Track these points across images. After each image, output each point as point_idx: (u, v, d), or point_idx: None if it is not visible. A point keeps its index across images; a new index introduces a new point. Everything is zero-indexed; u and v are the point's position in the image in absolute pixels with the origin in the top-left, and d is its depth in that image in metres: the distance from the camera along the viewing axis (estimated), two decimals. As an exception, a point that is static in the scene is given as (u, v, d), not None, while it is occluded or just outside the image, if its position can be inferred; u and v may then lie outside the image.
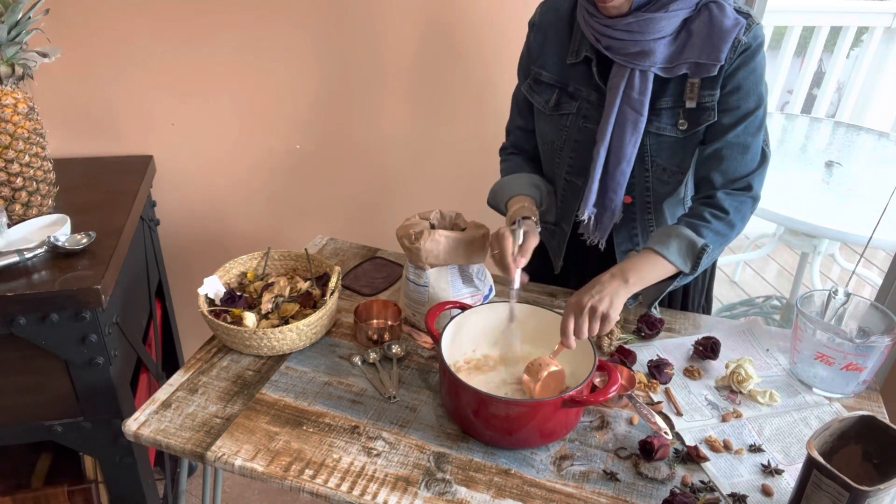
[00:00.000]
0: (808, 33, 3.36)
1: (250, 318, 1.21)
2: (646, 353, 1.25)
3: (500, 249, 1.16)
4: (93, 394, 1.34)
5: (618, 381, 1.01)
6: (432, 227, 1.29)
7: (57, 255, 1.31)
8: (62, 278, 1.24)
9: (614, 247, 1.35)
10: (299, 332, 1.19)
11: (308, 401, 1.12)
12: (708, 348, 1.23)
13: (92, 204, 1.52)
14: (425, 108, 1.93)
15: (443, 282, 1.26)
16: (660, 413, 1.11)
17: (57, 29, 1.50)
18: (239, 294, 1.28)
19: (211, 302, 1.28)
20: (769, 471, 1.01)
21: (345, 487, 0.96)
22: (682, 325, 1.35)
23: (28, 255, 1.26)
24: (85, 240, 1.33)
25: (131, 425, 1.06)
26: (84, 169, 1.72)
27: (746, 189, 1.20)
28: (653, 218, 1.30)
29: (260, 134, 1.88)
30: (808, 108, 3.58)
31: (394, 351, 1.23)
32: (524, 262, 1.15)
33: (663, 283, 1.18)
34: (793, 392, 1.17)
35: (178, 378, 1.16)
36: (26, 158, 1.37)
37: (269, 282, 1.31)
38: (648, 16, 1.12)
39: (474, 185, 1.63)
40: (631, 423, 1.09)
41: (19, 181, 1.37)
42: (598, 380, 1.12)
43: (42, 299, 1.21)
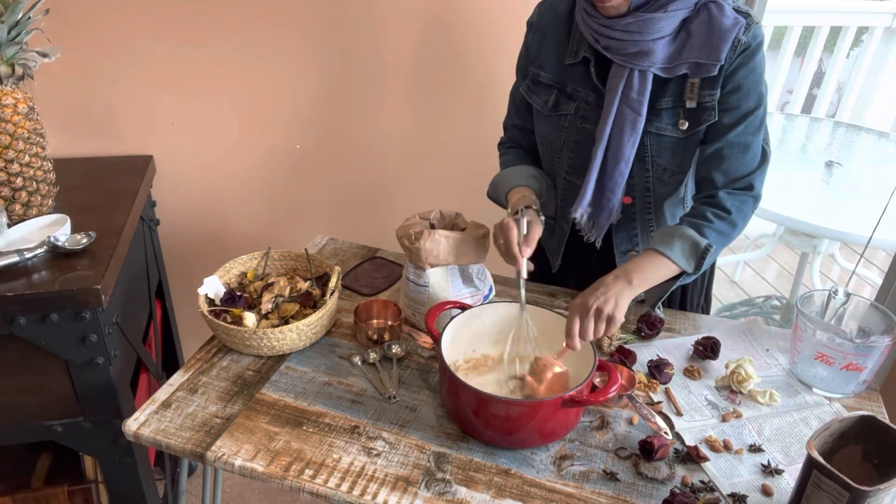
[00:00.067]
0: (808, 33, 3.36)
1: (250, 318, 1.21)
2: (646, 353, 1.25)
3: (504, 239, 1.16)
4: (93, 394, 1.35)
5: (618, 381, 1.01)
6: (432, 227, 1.29)
7: (57, 255, 1.31)
8: (62, 278, 1.24)
9: (614, 247, 1.35)
10: (299, 332, 1.19)
11: (308, 401, 1.12)
12: (708, 348, 1.23)
13: (92, 204, 1.52)
14: (425, 108, 1.93)
15: (443, 282, 1.25)
16: (660, 413, 1.11)
17: (57, 29, 1.50)
18: (239, 294, 1.28)
19: (211, 302, 1.28)
20: (769, 471, 1.01)
21: (345, 487, 0.96)
22: (682, 325, 1.35)
23: (28, 255, 1.26)
24: (85, 240, 1.33)
25: (131, 425, 1.06)
26: (84, 169, 1.72)
27: (748, 188, 1.20)
28: (653, 218, 1.30)
29: (260, 134, 1.88)
30: (808, 108, 3.58)
31: (394, 351, 1.23)
32: (530, 252, 1.15)
33: (666, 283, 1.18)
34: (793, 392, 1.17)
35: (178, 378, 1.16)
36: (26, 158, 1.37)
37: (269, 282, 1.31)
38: (647, 16, 1.11)
39: (474, 185, 1.63)
40: (631, 423, 1.09)
41: (19, 181, 1.37)
42: (598, 380, 1.12)
43: (42, 299, 1.21)
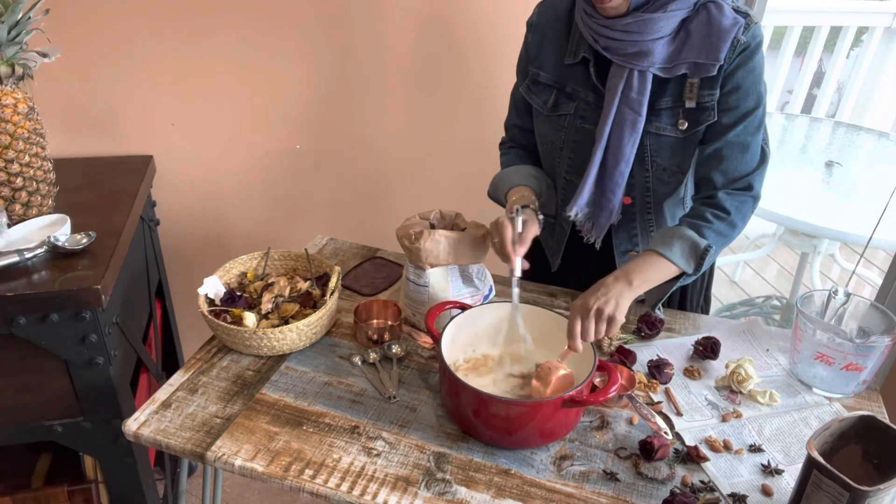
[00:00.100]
0: (808, 33, 3.36)
1: (250, 318, 1.21)
2: (646, 353, 1.25)
3: (499, 238, 1.16)
4: (93, 394, 1.34)
5: (618, 381, 1.01)
6: (432, 227, 1.29)
7: (57, 255, 1.31)
8: (62, 278, 1.24)
9: (613, 247, 1.35)
10: (299, 332, 1.19)
11: (308, 401, 1.12)
12: (708, 348, 1.23)
13: (92, 204, 1.52)
14: (425, 108, 1.93)
15: (443, 282, 1.25)
16: (660, 413, 1.11)
17: (57, 29, 1.50)
18: (239, 294, 1.28)
19: (211, 302, 1.28)
20: (769, 471, 1.01)
21: (345, 487, 0.96)
22: (682, 325, 1.35)
23: (28, 255, 1.26)
24: (85, 240, 1.33)
25: (131, 425, 1.06)
26: (84, 169, 1.72)
27: (747, 189, 1.20)
28: (653, 218, 1.30)
29: (260, 134, 1.88)
30: (808, 108, 3.58)
31: (394, 351, 1.23)
32: (524, 251, 1.15)
33: (666, 284, 1.18)
34: (793, 392, 1.17)
35: (178, 378, 1.16)
36: (26, 158, 1.37)
37: (269, 282, 1.31)
38: (647, 16, 1.11)
39: (474, 185, 1.63)
40: (631, 423, 1.09)
41: (19, 181, 1.37)
42: (598, 380, 1.12)
43: (42, 299, 1.21)
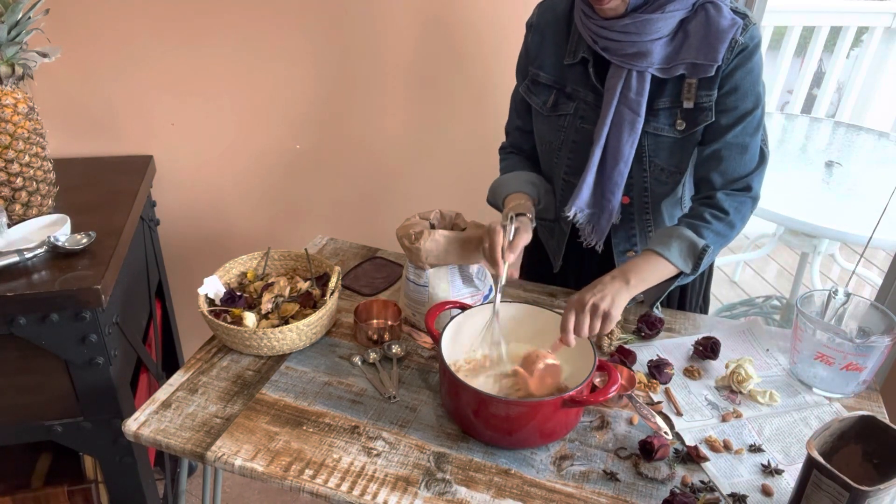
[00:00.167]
0: (808, 33, 3.36)
1: (250, 318, 1.21)
2: (646, 353, 1.25)
3: (490, 244, 1.16)
4: (93, 394, 1.34)
5: (618, 381, 1.01)
6: (432, 227, 1.29)
7: (57, 255, 1.31)
8: (62, 278, 1.24)
9: (612, 247, 1.35)
10: (299, 332, 1.19)
11: (308, 401, 1.12)
12: (708, 348, 1.23)
13: (92, 204, 1.52)
14: (425, 108, 1.93)
15: (443, 282, 1.26)
16: (660, 413, 1.11)
17: (57, 29, 1.50)
18: (239, 294, 1.28)
19: (211, 302, 1.28)
20: (769, 471, 1.01)
21: (345, 487, 0.96)
22: (682, 325, 1.35)
23: (28, 255, 1.26)
24: (85, 240, 1.33)
25: (131, 425, 1.06)
26: (84, 169, 1.72)
27: (746, 189, 1.20)
28: (651, 218, 1.30)
29: (260, 134, 1.88)
30: (808, 108, 3.58)
31: (394, 351, 1.23)
32: (512, 259, 1.15)
33: (664, 283, 1.18)
34: (793, 392, 1.17)
35: (178, 378, 1.16)
36: (26, 158, 1.37)
37: (269, 282, 1.31)
38: (645, 17, 1.12)
39: (474, 185, 1.63)
40: (631, 423, 1.09)
41: (19, 181, 1.37)
42: (598, 380, 1.12)
43: (42, 299, 1.21)
